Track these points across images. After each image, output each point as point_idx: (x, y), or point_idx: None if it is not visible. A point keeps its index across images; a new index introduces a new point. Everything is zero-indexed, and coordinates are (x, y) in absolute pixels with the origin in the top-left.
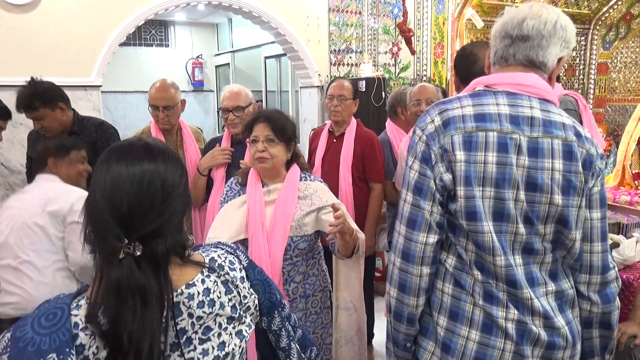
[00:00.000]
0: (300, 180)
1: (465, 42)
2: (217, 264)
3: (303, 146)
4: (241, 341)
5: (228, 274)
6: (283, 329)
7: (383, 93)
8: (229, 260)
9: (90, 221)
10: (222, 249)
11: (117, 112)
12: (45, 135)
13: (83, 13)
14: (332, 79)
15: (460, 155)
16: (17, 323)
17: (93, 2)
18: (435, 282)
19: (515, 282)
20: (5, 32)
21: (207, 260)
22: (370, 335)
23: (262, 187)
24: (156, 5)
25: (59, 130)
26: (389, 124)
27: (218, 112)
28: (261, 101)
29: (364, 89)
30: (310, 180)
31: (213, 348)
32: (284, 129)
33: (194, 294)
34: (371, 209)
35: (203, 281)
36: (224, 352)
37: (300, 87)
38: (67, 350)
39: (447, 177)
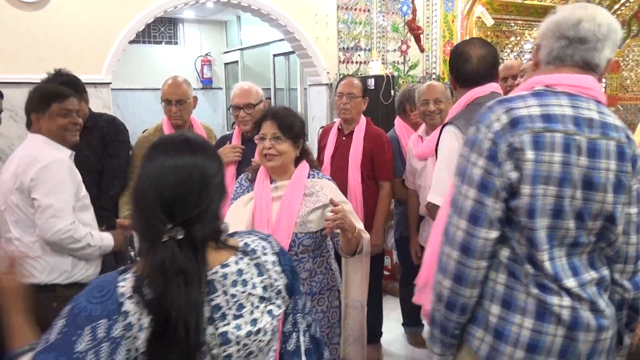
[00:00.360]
0: (309, 177)
1: None
2: (250, 248)
3: (312, 144)
4: (272, 319)
5: (260, 257)
6: (291, 315)
7: (392, 91)
8: (262, 246)
9: (138, 208)
10: (256, 236)
11: (127, 109)
12: None
13: (93, 10)
14: (342, 76)
15: (529, 154)
16: (74, 297)
17: (103, 0)
18: (488, 273)
19: (559, 273)
20: (15, 30)
21: (241, 245)
22: (379, 333)
23: (271, 183)
24: (165, 3)
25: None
26: (397, 121)
27: (228, 109)
28: (269, 99)
29: (372, 87)
30: (318, 177)
31: (246, 324)
32: (291, 126)
33: (227, 274)
34: (380, 207)
35: (237, 262)
36: (256, 328)
37: (309, 85)
38: (115, 317)
39: (514, 175)
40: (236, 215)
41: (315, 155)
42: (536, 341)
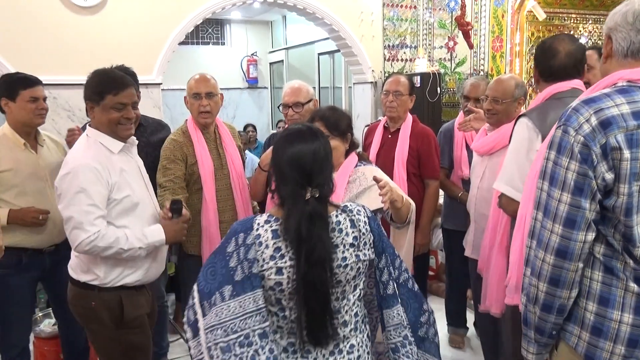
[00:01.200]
0: (356, 166)
1: (525, 36)
2: (348, 208)
3: None
4: (358, 262)
5: (355, 215)
6: (385, 268)
7: (438, 88)
8: (357, 209)
9: (285, 179)
10: (356, 204)
11: (176, 109)
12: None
13: (145, 14)
14: (387, 74)
15: (626, 154)
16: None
17: (154, 3)
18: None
19: None
20: (72, 33)
21: (342, 205)
22: None
23: None
24: (214, 4)
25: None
26: (460, 114)
27: (278, 107)
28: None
29: (418, 85)
30: (363, 166)
31: (337, 259)
32: (337, 124)
33: (329, 222)
34: (426, 207)
35: (336, 215)
36: (344, 263)
37: (354, 83)
38: (249, 232)
39: (609, 176)
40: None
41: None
42: (637, 336)
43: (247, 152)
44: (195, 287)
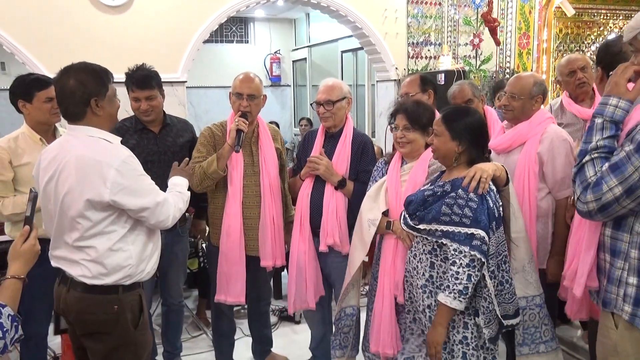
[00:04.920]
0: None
1: (553, 32)
2: None
3: (378, 141)
4: None
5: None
6: None
7: None
8: None
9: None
10: None
11: (200, 107)
12: (144, 117)
13: (171, 12)
14: (411, 72)
15: None
16: None
17: (180, 2)
18: None
19: None
20: (100, 31)
21: None
22: None
23: (402, 164)
24: (238, 3)
25: (159, 114)
26: (488, 109)
27: (311, 105)
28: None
29: (442, 82)
30: None
31: None
32: (418, 118)
33: None
34: None
35: None
36: None
37: (377, 81)
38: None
39: None
40: (373, 192)
41: (383, 149)
42: None
43: None
44: None
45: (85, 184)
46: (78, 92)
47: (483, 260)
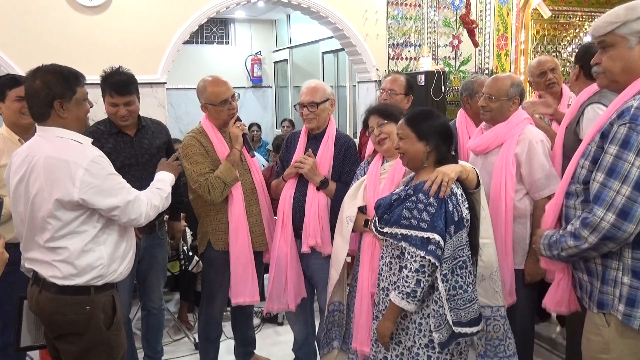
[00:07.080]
0: None
1: (530, 34)
2: None
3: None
4: None
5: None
6: None
7: (442, 87)
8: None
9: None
10: None
11: (180, 108)
12: (120, 122)
13: (150, 13)
14: (388, 72)
15: None
16: None
17: (159, 3)
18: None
19: None
20: (77, 32)
21: None
22: None
23: (382, 163)
24: (218, 3)
25: (135, 118)
26: (460, 113)
27: (295, 106)
28: None
29: (423, 83)
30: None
31: None
32: (389, 112)
33: None
34: None
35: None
36: None
37: (358, 82)
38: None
39: None
40: (353, 190)
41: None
42: None
43: None
44: None
45: (54, 183)
46: (42, 93)
47: (437, 264)
